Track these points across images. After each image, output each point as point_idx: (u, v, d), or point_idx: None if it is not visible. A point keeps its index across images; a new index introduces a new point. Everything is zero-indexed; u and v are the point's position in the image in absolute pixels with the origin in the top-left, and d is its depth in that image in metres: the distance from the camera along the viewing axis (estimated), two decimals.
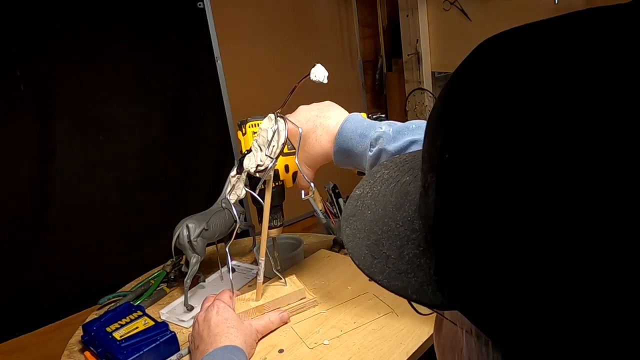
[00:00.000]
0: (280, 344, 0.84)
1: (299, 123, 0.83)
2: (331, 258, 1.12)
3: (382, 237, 0.31)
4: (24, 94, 1.57)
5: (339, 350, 0.81)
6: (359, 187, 0.38)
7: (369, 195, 0.36)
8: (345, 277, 1.03)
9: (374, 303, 0.93)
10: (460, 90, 0.27)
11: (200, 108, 1.96)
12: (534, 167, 0.21)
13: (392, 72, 2.39)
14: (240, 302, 0.91)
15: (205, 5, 1.90)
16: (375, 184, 0.36)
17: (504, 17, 1.59)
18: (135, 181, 1.83)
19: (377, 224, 0.33)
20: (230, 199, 0.87)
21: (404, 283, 0.29)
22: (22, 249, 1.62)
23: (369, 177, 0.38)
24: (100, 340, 0.90)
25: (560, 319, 0.21)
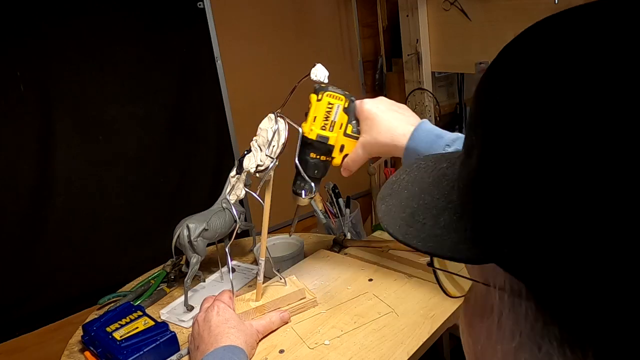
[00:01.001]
0: (281, 344, 0.84)
1: (378, 107, 0.83)
2: (330, 258, 1.12)
3: (417, 209, 0.33)
4: (24, 94, 1.57)
5: (340, 351, 0.81)
6: (395, 174, 0.40)
7: (404, 179, 0.38)
8: (345, 277, 1.03)
9: (374, 303, 0.93)
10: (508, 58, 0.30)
11: (200, 108, 1.96)
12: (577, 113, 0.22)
13: (392, 72, 2.39)
14: (240, 303, 0.91)
15: (205, 5, 1.90)
16: (412, 171, 0.39)
17: (504, 17, 1.59)
18: (135, 181, 1.83)
19: (413, 199, 0.35)
20: (230, 199, 0.87)
21: (438, 244, 0.30)
22: (22, 249, 1.62)
23: (405, 167, 0.40)
24: (100, 340, 0.90)
25: (596, 260, 0.21)
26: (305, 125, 0.84)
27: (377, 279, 1.01)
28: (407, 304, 0.92)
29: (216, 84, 1.99)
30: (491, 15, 1.64)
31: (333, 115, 0.83)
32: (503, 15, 1.60)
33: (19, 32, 1.54)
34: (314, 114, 0.84)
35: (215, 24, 1.94)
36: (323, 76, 0.82)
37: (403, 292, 0.97)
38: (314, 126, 0.83)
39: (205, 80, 1.97)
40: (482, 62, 1.66)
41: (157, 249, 1.18)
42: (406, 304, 0.92)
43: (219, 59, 1.98)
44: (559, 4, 1.42)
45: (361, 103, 0.84)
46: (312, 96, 0.84)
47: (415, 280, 1.06)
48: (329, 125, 0.83)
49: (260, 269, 0.90)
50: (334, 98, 0.83)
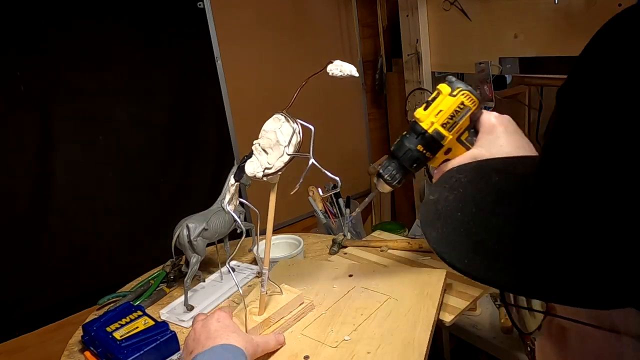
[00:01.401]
0: (302, 351, 0.80)
1: (507, 126, 0.76)
2: (294, 265, 1.11)
3: (487, 237, 0.29)
4: (24, 94, 1.57)
5: (365, 342, 0.81)
6: (432, 193, 0.36)
7: (451, 199, 0.34)
8: (325, 278, 1.01)
9: (368, 294, 0.94)
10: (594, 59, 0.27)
11: (200, 108, 1.96)
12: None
13: (392, 72, 2.39)
14: (243, 318, 0.85)
15: (205, 5, 1.90)
16: (454, 188, 0.35)
17: (504, 17, 1.59)
18: (135, 181, 1.83)
19: (474, 223, 0.31)
20: (229, 209, 0.81)
21: (538, 283, 0.24)
22: (22, 249, 1.62)
23: (441, 183, 0.37)
24: (100, 340, 0.90)
25: None
26: (425, 115, 0.76)
27: (357, 273, 1.02)
28: (399, 288, 0.94)
29: (216, 84, 1.99)
30: (491, 15, 1.64)
31: (460, 116, 0.75)
32: (503, 15, 1.60)
33: (19, 32, 1.54)
34: (440, 107, 0.75)
35: (215, 24, 1.94)
36: (349, 70, 0.76)
37: (387, 280, 0.98)
38: (437, 120, 0.75)
39: (205, 80, 1.97)
40: (482, 62, 1.66)
41: (157, 249, 1.18)
42: (397, 289, 0.94)
43: (219, 59, 1.98)
44: (559, 4, 1.42)
45: (489, 116, 0.77)
46: (445, 87, 0.76)
47: (391, 267, 1.08)
48: (451, 124, 0.75)
49: (264, 279, 0.85)
50: (469, 100, 0.75)
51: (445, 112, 0.75)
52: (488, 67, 1.64)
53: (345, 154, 2.41)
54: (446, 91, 0.76)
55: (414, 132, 0.77)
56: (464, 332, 1.38)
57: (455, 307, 0.93)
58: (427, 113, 0.76)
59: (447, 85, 0.76)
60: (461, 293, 0.97)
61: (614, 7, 1.28)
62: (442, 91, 0.76)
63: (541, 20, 1.48)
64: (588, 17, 1.36)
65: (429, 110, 0.76)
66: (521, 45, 1.56)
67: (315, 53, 2.24)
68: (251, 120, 2.10)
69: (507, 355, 1.28)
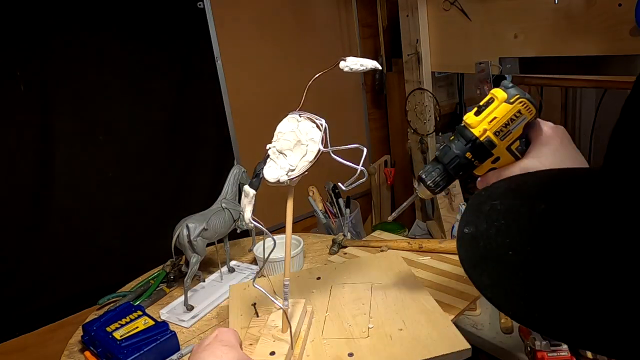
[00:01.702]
0: (342, 350, 0.78)
1: (562, 139, 0.70)
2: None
3: (559, 285, 0.24)
4: (24, 94, 1.57)
5: (388, 323, 0.83)
6: (466, 225, 0.32)
7: (493, 233, 0.30)
8: (298, 287, 0.99)
9: (350, 288, 0.96)
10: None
11: (200, 108, 1.96)
12: None
13: (392, 72, 2.39)
14: (267, 341, 0.77)
15: (205, 5, 1.90)
16: (492, 219, 0.30)
17: (504, 17, 1.59)
18: (135, 181, 1.83)
19: (535, 267, 0.26)
20: (253, 224, 0.74)
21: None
22: (22, 249, 1.62)
23: (473, 211, 0.32)
24: (100, 340, 0.90)
25: None
26: (477, 121, 0.71)
27: (324, 275, 1.03)
28: (371, 274, 0.98)
29: (216, 84, 1.99)
30: (491, 15, 1.64)
31: (515, 125, 0.70)
32: (503, 15, 1.60)
33: (18, 32, 1.54)
34: (494, 114, 0.70)
35: (215, 24, 1.94)
36: (371, 64, 0.72)
37: (354, 272, 1.01)
38: (490, 128, 0.70)
39: (205, 80, 1.97)
40: (482, 62, 1.66)
41: (157, 249, 1.18)
42: (370, 275, 0.98)
43: (219, 59, 1.98)
44: (559, 4, 1.42)
45: (545, 126, 0.71)
46: (501, 93, 0.71)
47: (347, 262, 1.11)
48: (504, 133, 0.71)
49: (286, 291, 0.77)
50: (527, 109, 0.70)
51: (499, 120, 0.70)
52: (488, 67, 1.64)
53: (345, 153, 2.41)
54: (502, 97, 0.71)
55: (462, 137, 0.72)
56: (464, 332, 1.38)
57: (455, 307, 0.93)
58: (480, 119, 0.71)
59: (503, 91, 0.71)
60: (461, 293, 0.97)
61: (614, 7, 1.28)
62: (497, 97, 0.71)
63: (541, 20, 1.48)
64: (588, 17, 1.36)
65: (481, 116, 0.71)
66: (521, 45, 1.56)
67: (315, 53, 2.24)
68: (251, 120, 2.12)
69: (507, 355, 1.28)
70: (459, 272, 1.05)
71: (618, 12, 1.28)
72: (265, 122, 2.33)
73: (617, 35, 1.30)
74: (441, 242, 1.16)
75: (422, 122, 2.02)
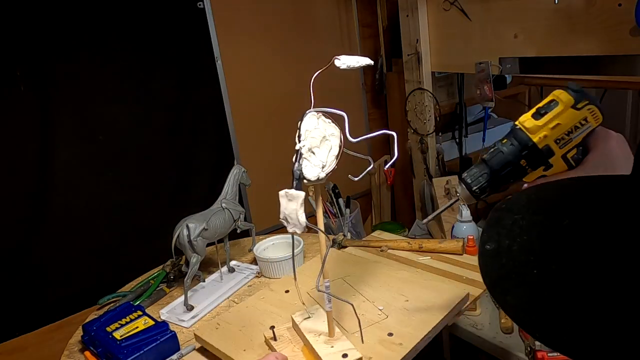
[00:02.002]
0: (381, 334, 0.82)
1: (624, 151, 0.63)
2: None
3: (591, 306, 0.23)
4: (24, 94, 1.57)
5: (391, 299, 0.90)
6: (487, 241, 0.31)
7: (515, 250, 0.29)
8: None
9: (340, 283, 0.98)
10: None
11: (200, 108, 1.96)
12: None
13: (392, 72, 2.39)
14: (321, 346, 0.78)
15: (205, 5, 1.90)
16: (514, 233, 0.29)
17: (504, 17, 1.59)
18: (135, 181, 1.83)
19: (558, 285, 0.25)
20: (304, 222, 0.70)
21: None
22: (22, 249, 1.62)
23: (494, 227, 0.31)
24: (100, 340, 0.90)
25: None
26: (536, 126, 0.65)
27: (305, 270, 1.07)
28: (342, 269, 1.02)
29: (216, 84, 1.99)
30: (491, 15, 1.64)
31: (578, 133, 0.64)
32: (503, 15, 1.60)
33: (18, 32, 1.54)
34: (557, 120, 0.64)
35: (215, 24, 1.94)
36: (365, 61, 0.72)
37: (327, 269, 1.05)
38: (551, 134, 0.64)
39: (205, 80, 1.97)
40: (482, 62, 1.66)
41: (157, 249, 1.18)
42: (342, 270, 1.02)
43: (219, 59, 1.98)
44: (559, 4, 1.42)
45: (608, 136, 0.65)
46: (566, 97, 0.64)
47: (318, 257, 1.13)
48: (565, 142, 0.64)
49: (328, 292, 0.77)
50: (594, 117, 0.64)
51: (562, 127, 0.64)
52: (488, 67, 1.64)
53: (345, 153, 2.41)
54: (568, 102, 0.64)
55: (517, 142, 0.67)
56: (464, 332, 1.38)
57: None
58: (540, 124, 0.65)
59: (570, 95, 0.64)
60: None
61: (614, 7, 1.28)
62: (562, 100, 0.64)
63: (541, 20, 1.48)
64: (588, 17, 1.36)
65: (542, 120, 0.65)
66: (521, 45, 1.56)
67: (315, 53, 2.24)
68: (251, 120, 2.12)
69: (507, 355, 1.28)
70: (459, 272, 1.05)
71: (618, 12, 1.28)
72: (265, 122, 2.35)
73: (617, 35, 1.30)
74: (441, 242, 1.16)
75: (422, 122, 2.02)
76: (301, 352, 0.80)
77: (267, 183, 2.24)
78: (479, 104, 2.26)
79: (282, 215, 0.70)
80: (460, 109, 2.24)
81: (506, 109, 2.47)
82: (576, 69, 1.44)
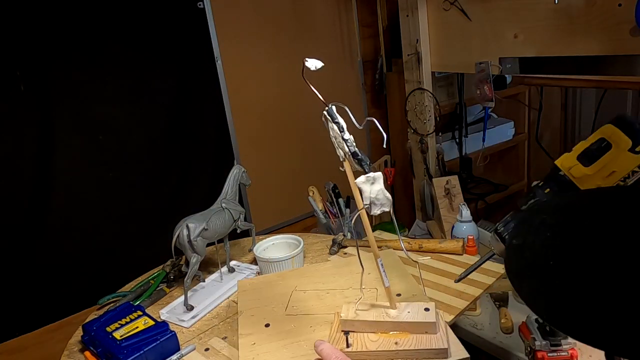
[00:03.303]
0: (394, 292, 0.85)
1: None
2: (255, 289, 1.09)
3: (591, 292, 0.25)
4: (24, 94, 1.57)
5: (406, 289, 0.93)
6: (515, 236, 0.34)
7: (537, 245, 0.31)
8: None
9: (330, 290, 0.98)
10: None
11: (200, 108, 1.96)
12: None
13: (392, 72, 2.39)
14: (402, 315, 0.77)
15: (205, 5, 1.90)
16: (539, 231, 0.32)
17: (504, 17, 1.59)
18: (135, 181, 1.83)
19: (570, 275, 0.27)
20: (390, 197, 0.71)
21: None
22: (22, 249, 1.62)
23: (524, 224, 0.34)
24: (100, 340, 0.90)
25: None
26: (587, 175, 0.54)
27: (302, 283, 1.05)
28: (335, 279, 0.99)
29: (216, 84, 1.99)
30: (491, 15, 1.64)
31: (635, 178, 0.53)
32: (503, 15, 1.60)
33: (19, 32, 1.54)
34: (612, 167, 0.53)
35: (215, 24, 1.94)
36: (320, 64, 0.74)
37: (315, 277, 1.05)
38: (603, 184, 0.53)
39: (205, 80, 1.97)
40: (482, 62, 1.66)
41: (157, 249, 1.18)
42: (335, 280, 1.00)
43: (219, 59, 1.98)
44: (559, 4, 1.42)
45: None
46: (621, 137, 0.53)
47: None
48: (614, 181, 0.54)
49: (383, 270, 0.78)
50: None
51: (618, 175, 0.53)
52: (488, 67, 1.64)
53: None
54: (625, 145, 0.53)
55: (561, 190, 0.56)
56: (464, 332, 1.38)
57: (455, 307, 0.93)
58: (591, 172, 0.54)
59: (624, 136, 0.52)
60: (461, 293, 0.97)
61: (614, 7, 1.28)
62: (615, 142, 0.53)
63: (541, 20, 1.48)
64: (588, 17, 1.36)
65: (593, 168, 0.54)
66: (521, 45, 1.56)
67: (315, 53, 2.23)
68: (251, 120, 2.12)
69: (507, 355, 1.28)
70: (459, 272, 1.05)
71: (618, 12, 1.28)
72: (265, 122, 2.35)
73: (617, 35, 1.30)
74: (441, 242, 1.16)
75: (422, 122, 2.02)
76: (381, 336, 0.76)
77: (267, 183, 2.25)
78: (479, 104, 2.26)
79: (368, 201, 0.71)
80: (460, 109, 2.24)
81: (506, 109, 2.48)
82: (576, 69, 1.44)
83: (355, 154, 0.72)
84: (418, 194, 2.18)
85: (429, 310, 0.76)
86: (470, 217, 1.46)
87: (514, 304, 1.42)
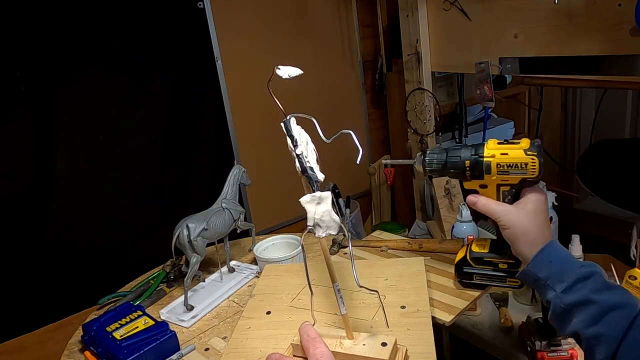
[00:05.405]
0: (395, 307, 0.87)
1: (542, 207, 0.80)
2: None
3: None
4: (24, 94, 1.57)
5: (372, 279, 0.90)
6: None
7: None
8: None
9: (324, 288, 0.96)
10: None
11: (200, 108, 1.96)
12: None
13: (392, 72, 2.39)
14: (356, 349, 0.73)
15: (205, 5, 1.90)
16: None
17: (504, 17, 1.59)
18: (135, 181, 1.83)
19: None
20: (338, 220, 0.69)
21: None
22: (22, 249, 1.62)
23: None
24: (100, 340, 0.90)
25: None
26: (494, 147, 0.82)
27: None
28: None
29: (216, 84, 1.99)
30: (491, 15, 1.64)
31: (515, 172, 0.80)
32: (503, 15, 1.60)
33: (19, 32, 1.54)
34: (508, 151, 0.81)
35: (215, 24, 1.94)
36: (296, 72, 0.72)
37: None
38: (497, 158, 0.81)
39: (205, 80, 1.97)
40: (482, 62, 1.66)
41: (157, 249, 1.18)
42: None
43: (219, 59, 1.98)
44: (559, 4, 1.42)
45: (540, 193, 0.81)
46: (526, 143, 0.80)
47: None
48: (503, 171, 0.81)
49: (340, 296, 0.73)
50: (532, 168, 0.79)
51: (507, 158, 0.80)
52: (488, 67, 1.64)
53: (345, 154, 2.41)
54: (524, 146, 0.80)
55: (475, 149, 0.83)
56: (464, 332, 1.38)
57: (455, 307, 0.93)
58: (496, 147, 0.81)
59: (530, 143, 0.80)
60: (461, 293, 0.97)
61: (614, 7, 1.28)
62: (522, 144, 0.81)
63: (541, 20, 1.48)
64: (588, 17, 1.36)
65: (500, 146, 0.81)
66: (521, 45, 1.56)
67: (315, 53, 2.24)
68: (251, 120, 2.12)
69: (507, 355, 1.28)
70: None
71: (618, 12, 1.28)
72: (265, 122, 2.35)
73: (617, 35, 1.30)
74: (441, 242, 1.16)
75: (422, 122, 2.02)
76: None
77: (267, 183, 2.24)
78: (479, 104, 2.26)
79: (312, 222, 0.67)
80: (460, 109, 2.24)
81: (506, 109, 2.48)
82: (576, 69, 1.44)
83: (304, 170, 0.68)
84: (418, 194, 2.18)
85: (386, 345, 0.71)
86: (470, 217, 1.46)
87: (514, 304, 1.42)
